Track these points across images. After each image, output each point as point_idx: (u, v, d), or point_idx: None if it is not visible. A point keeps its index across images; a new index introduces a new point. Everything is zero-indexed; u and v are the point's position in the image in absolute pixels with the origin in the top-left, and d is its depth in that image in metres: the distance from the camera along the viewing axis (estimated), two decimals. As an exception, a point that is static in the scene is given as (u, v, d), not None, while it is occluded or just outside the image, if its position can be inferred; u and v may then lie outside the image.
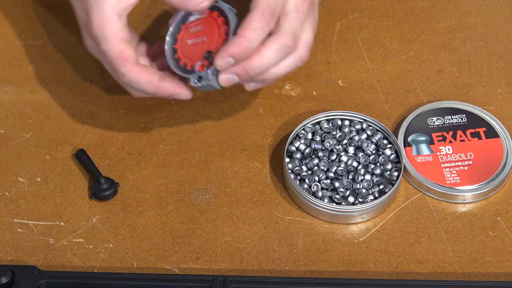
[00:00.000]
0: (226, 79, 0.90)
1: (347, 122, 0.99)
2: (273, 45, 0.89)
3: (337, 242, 0.93)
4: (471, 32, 1.10)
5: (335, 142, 0.97)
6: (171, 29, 0.93)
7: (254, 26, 0.87)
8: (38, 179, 0.97)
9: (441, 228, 0.93)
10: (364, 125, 0.98)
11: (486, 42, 1.09)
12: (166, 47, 0.93)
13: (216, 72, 0.90)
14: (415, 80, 1.05)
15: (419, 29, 1.10)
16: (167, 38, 0.93)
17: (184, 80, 0.92)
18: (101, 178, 0.95)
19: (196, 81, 0.90)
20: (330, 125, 0.99)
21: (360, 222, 0.94)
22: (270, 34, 0.89)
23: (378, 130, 0.98)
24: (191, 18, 0.93)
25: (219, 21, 0.91)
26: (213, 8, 0.92)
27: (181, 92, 0.92)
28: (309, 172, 0.95)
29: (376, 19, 1.11)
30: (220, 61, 0.88)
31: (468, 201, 0.95)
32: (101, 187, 0.95)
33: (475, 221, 0.94)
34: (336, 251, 0.92)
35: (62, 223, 0.94)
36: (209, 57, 0.90)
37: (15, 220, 0.94)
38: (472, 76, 1.06)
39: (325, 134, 0.98)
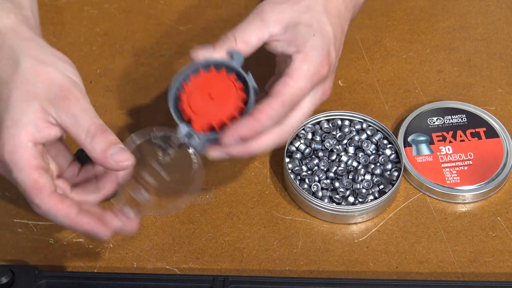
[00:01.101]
0: (218, 156, 0.85)
1: (347, 122, 0.99)
2: (273, 136, 0.86)
3: (337, 242, 0.93)
4: (471, 32, 1.10)
5: (335, 142, 0.97)
6: (179, 75, 0.86)
7: (272, 113, 0.83)
8: (38, 179, 0.97)
9: (441, 228, 0.93)
10: (364, 125, 0.98)
11: (486, 42, 1.09)
12: (170, 91, 0.86)
13: (208, 141, 0.84)
14: (415, 80, 1.05)
15: (419, 29, 1.10)
16: (175, 82, 0.86)
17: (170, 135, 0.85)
18: (101, 178, 0.95)
19: (185, 136, 0.84)
20: (330, 125, 0.99)
21: (360, 222, 0.94)
22: None
23: (378, 130, 0.98)
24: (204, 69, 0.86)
25: (237, 86, 0.85)
26: (229, 69, 0.86)
27: (100, 230, 0.81)
28: (309, 172, 0.95)
29: (376, 19, 1.11)
30: (229, 140, 0.83)
31: (468, 201, 0.95)
32: (101, 187, 0.94)
33: (475, 221, 0.94)
34: (336, 251, 0.92)
35: (62, 223, 0.94)
36: (213, 130, 0.84)
37: (15, 220, 0.94)
38: (472, 76, 1.06)
39: (325, 134, 0.98)
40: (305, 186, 0.94)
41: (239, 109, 0.84)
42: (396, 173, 0.95)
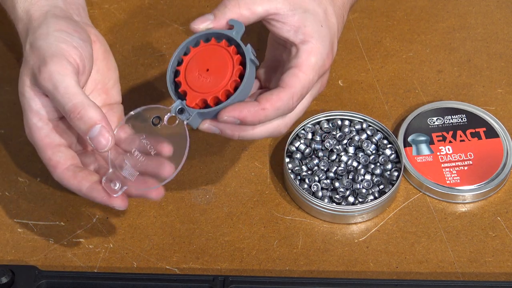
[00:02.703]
0: (208, 128, 0.84)
1: (347, 122, 0.99)
2: (272, 127, 0.85)
3: (337, 242, 0.93)
4: (471, 32, 1.10)
5: (335, 142, 0.97)
6: (178, 49, 0.85)
7: (279, 105, 0.82)
8: (38, 179, 0.97)
9: (441, 228, 0.93)
10: (364, 125, 0.98)
11: (486, 42, 1.09)
12: (170, 64, 0.85)
13: (202, 116, 0.83)
14: (415, 80, 1.05)
15: (419, 29, 1.10)
16: (173, 57, 0.85)
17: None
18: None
19: (178, 112, 0.83)
20: (330, 125, 0.99)
21: (360, 222, 0.94)
22: None
23: (378, 130, 0.98)
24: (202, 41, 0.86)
25: (235, 59, 0.83)
26: (230, 41, 0.84)
27: (114, 203, 0.84)
28: (309, 172, 0.95)
29: (376, 19, 1.11)
30: (228, 118, 0.82)
31: (468, 201, 0.95)
32: (101, 187, 0.95)
33: (475, 221, 0.94)
34: (336, 251, 0.92)
35: (62, 223, 0.94)
36: (206, 106, 0.83)
37: (15, 220, 0.94)
38: (472, 76, 1.06)
39: (325, 134, 0.98)
40: (305, 186, 0.94)
41: (235, 84, 0.83)
42: (396, 173, 0.95)
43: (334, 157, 0.96)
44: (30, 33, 0.86)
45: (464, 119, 1.00)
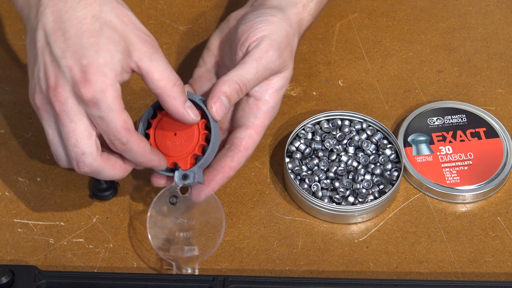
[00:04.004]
0: (219, 106, 0.89)
1: (347, 122, 0.99)
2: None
3: (337, 242, 0.93)
4: (471, 32, 1.10)
5: (335, 142, 0.97)
6: (141, 124, 0.90)
7: (237, 166, 0.92)
8: (38, 179, 0.97)
9: (441, 228, 0.93)
10: (364, 125, 0.98)
11: (486, 42, 1.09)
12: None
13: (201, 168, 0.88)
14: (415, 80, 1.05)
15: (419, 29, 1.10)
16: (140, 123, 0.90)
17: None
18: (101, 178, 0.95)
19: (182, 179, 0.88)
20: (330, 125, 0.99)
21: (360, 222, 0.94)
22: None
23: (378, 130, 0.98)
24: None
25: (200, 123, 0.89)
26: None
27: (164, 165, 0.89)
28: (309, 172, 0.95)
29: (376, 19, 1.11)
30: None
31: (468, 201, 0.95)
32: (101, 187, 0.95)
33: (475, 221, 0.94)
34: (336, 251, 0.92)
35: (62, 223, 0.94)
36: (196, 159, 0.89)
37: (15, 220, 0.94)
38: (472, 76, 1.06)
39: (325, 134, 0.98)
40: (305, 186, 0.94)
41: (201, 147, 0.88)
42: (396, 173, 0.95)
43: (334, 157, 0.96)
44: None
45: (464, 119, 1.00)
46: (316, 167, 0.96)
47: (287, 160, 0.96)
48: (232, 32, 0.96)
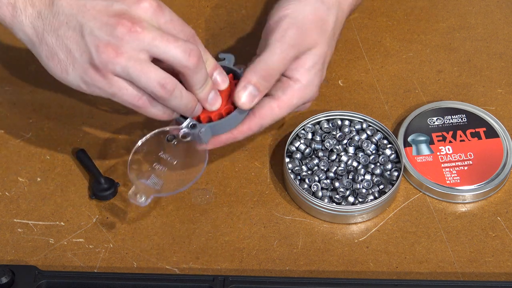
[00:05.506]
0: (226, 139, 0.91)
1: (347, 122, 0.99)
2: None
3: (337, 242, 0.93)
4: (471, 32, 1.10)
5: (335, 142, 0.97)
6: None
7: (248, 133, 0.92)
8: (38, 179, 0.97)
9: (441, 228, 0.93)
10: (364, 125, 0.98)
11: (486, 42, 1.09)
12: None
13: (213, 129, 0.89)
14: (415, 80, 1.05)
15: (419, 29, 1.10)
16: None
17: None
18: (101, 178, 0.95)
19: (190, 127, 0.89)
20: (330, 125, 0.99)
21: (360, 222, 0.94)
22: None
23: (378, 130, 0.98)
24: None
25: (233, 83, 0.91)
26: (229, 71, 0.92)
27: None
28: (309, 172, 0.95)
29: (376, 19, 1.11)
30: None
31: (468, 201, 0.95)
32: (101, 187, 0.95)
33: (475, 221, 0.94)
34: (336, 251, 0.92)
35: (62, 223, 0.94)
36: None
37: (15, 220, 0.94)
38: (472, 76, 1.06)
39: (325, 134, 0.98)
40: (305, 186, 0.94)
41: (228, 111, 0.90)
42: (396, 173, 0.95)
43: (334, 157, 0.96)
44: None
45: (464, 119, 1.00)
46: (316, 167, 0.96)
47: (287, 160, 0.96)
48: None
